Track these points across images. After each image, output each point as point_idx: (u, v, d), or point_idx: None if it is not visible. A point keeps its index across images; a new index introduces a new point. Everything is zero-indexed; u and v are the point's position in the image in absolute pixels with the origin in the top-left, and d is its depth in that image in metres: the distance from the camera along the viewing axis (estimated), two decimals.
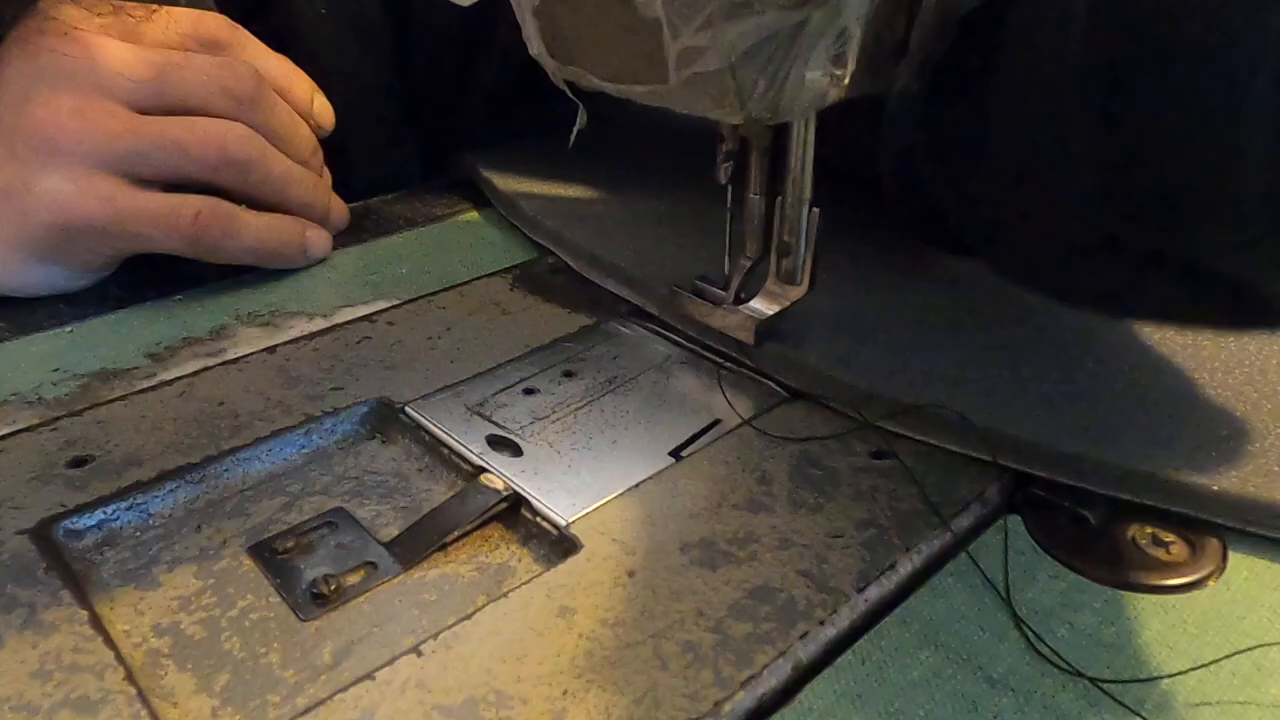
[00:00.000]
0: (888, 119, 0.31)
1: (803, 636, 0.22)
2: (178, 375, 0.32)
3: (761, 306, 0.31)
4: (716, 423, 0.30)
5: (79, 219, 0.33)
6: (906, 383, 0.29)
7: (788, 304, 0.31)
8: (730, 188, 0.30)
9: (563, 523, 0.25)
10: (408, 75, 0.52)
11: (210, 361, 0.33)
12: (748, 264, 0.31)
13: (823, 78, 0.21)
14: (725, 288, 0.32)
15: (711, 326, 0.33)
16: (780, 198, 0.29)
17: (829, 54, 0.21)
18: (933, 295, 0.35)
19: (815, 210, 0.28)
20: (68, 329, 0.35)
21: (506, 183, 0.45)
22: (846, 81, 0.22)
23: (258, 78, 0.37)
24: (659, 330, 0.35)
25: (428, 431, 0.29)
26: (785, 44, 0.20)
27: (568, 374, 0.33)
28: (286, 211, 0.39)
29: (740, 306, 0.31)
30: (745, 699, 0.21)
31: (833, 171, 0.29)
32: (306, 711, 0.20)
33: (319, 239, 0.40)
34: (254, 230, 0.37)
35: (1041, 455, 0.26)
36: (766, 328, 0.31)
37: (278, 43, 0.41)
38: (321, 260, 0.41)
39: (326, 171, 0.42)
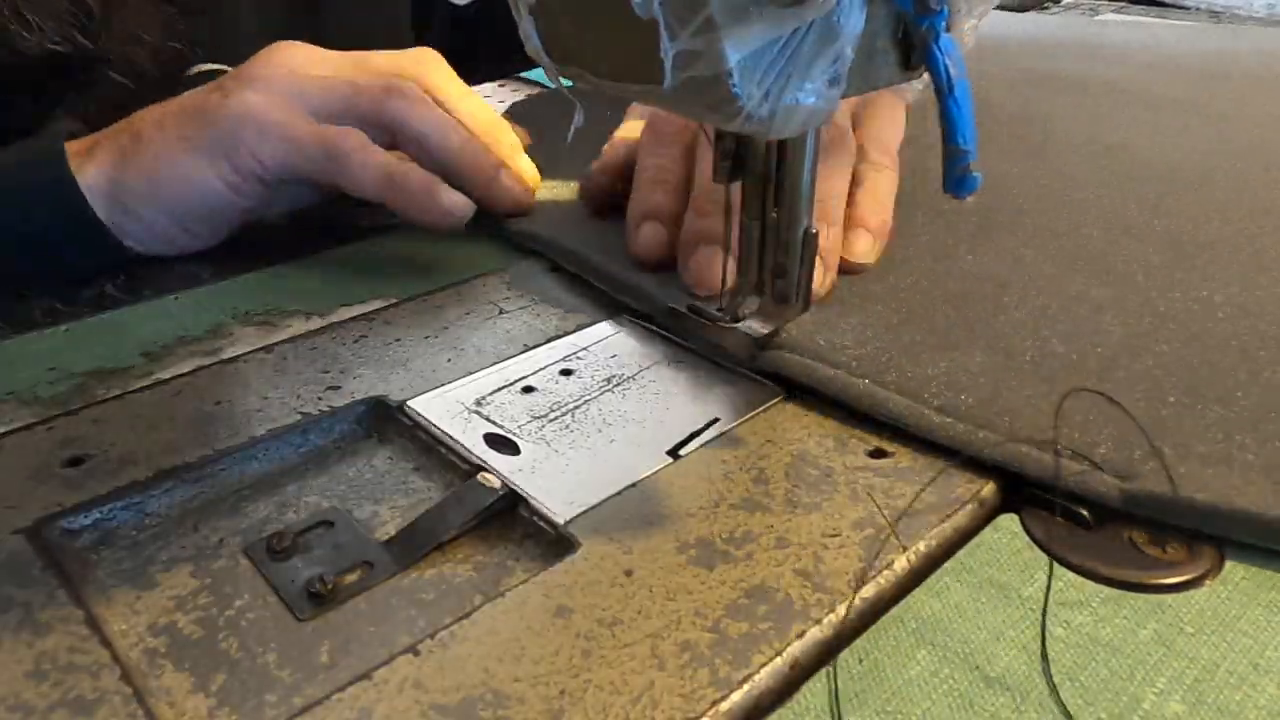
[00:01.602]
0: None
1: (800, 636, 0.22)
2: (174, 374, 0.32)
3: (757, 325, 0.31)
4: (714, 422, 0.30)
5: (257, 118, 0.39)
6: (899, 380, 0.29)
7: (782, 323, 0.31)
8: (727, 213, 0.30)
9: (560, 522, 0.25)
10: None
11: (207, 360, 0.33)
12: (741, 286, 0.31)
13: (819, 101, 0.21)
14: (720, 308, 0.32)
15: (707, 343, 0.33)
16: (775, 219, 0.29)
17: (826, 77, 0.21)
18: (929, 292, 0.35)
19: (813, 232, 0.29)
20: (63, 328, 0.35)
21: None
22: (839, 101, 0.22)
23: (437, 55, 0.44)
24: (657, 329, 0.35)
25: (425, 430, 0.29)
26: (782, 57, 0.20)
27: (565, 373, 0.33)
28: (443, 161, 0.41)
29: (736, 325, 0.32)
30: (742, 698, 0.21)
31: None
32: (303, 711, 0.20)
33: (454, 195, 0.40)
34: (387, 160, 0.39)
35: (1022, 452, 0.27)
36: (761, 347, 0.31)
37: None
38: (459, 224, 0.40)
39: (520, 161, 0.43)
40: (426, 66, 0.43)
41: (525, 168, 0.43)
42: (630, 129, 0.43)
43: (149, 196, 0.39)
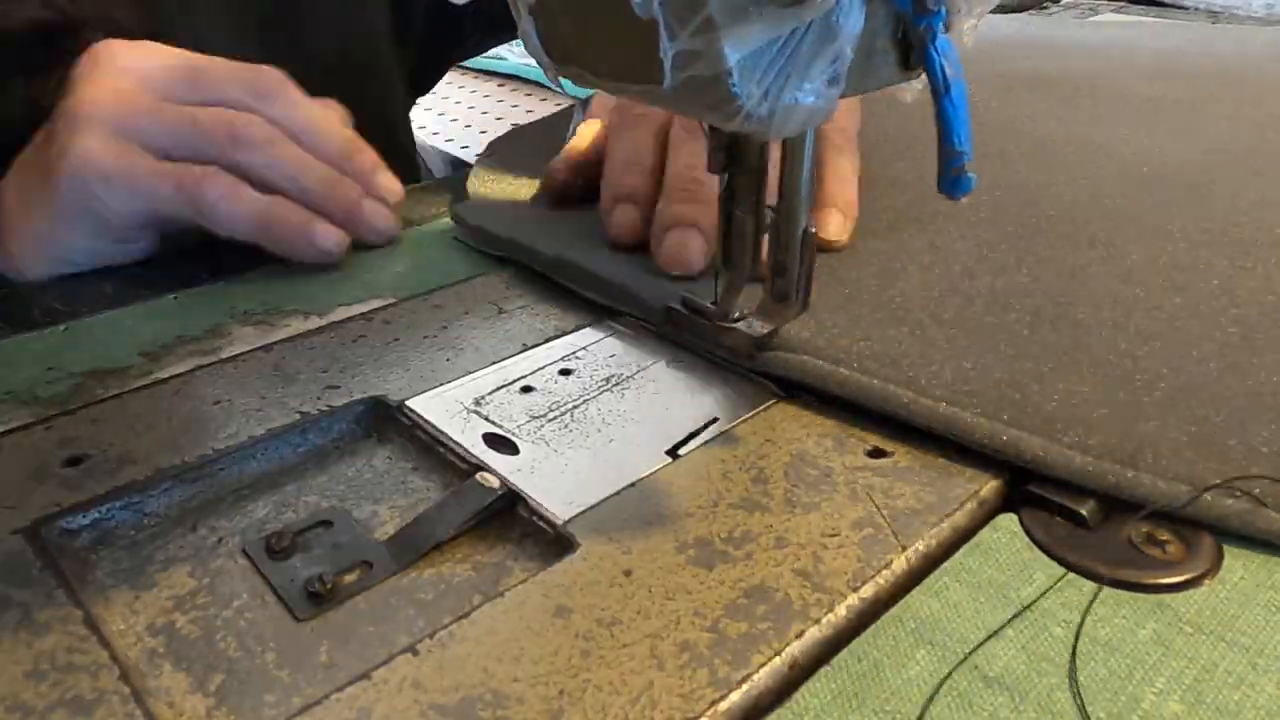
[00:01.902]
0: None
1: (799, 636, 0.22)
2: (173, 374, 0.32)
3: (756, 324, 0.31)
4: (713, 421, 0.30)
5: (97, 170, 0.37)
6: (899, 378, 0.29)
7: (782, 322, 0.31)
8: (720, 206, 0.30)
9: (559, 521, 0.25)
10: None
11: (205, 360, 0.33)
12: (738, 283, 0.31)
13: (818, 101, 0.21)
14: (715, 304, 0.32)
15: (706, 342, 0.33)
16: (775, 217, 0.29)
17: (825, 76, 0.21)
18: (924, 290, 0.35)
19: (812, 230, 0.28)
20: (62, 328, 0.35)
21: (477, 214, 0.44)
22: (839, 100, 0.22)
23: (280, 78, 0.40)
24: (656, 328, 0.35)
25: (424, 430, 0.29)
26: (781, 57, 0.20)
27: (565, 372, 0.33)
28: (303, 200, 0.39)
29: (735, 324, 0.32)
30: (741, 698, 0.21)
31: None
32: (302, 711, 0.20)
33: (328, 232, 0.39)
34: (256, 202, 0.38)
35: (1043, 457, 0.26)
36: (761, 344, 0.31)
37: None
38: (333, 258, 0.39)
39: (380, 180, 0.42)
40: (270, 91, 0.40)
41: (387, 185, 0.42)
42: (590, 127, 0.44)
43: (33, 264, 0.39)
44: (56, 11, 0.41)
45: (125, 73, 0.38)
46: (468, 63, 1.04)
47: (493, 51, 0.96)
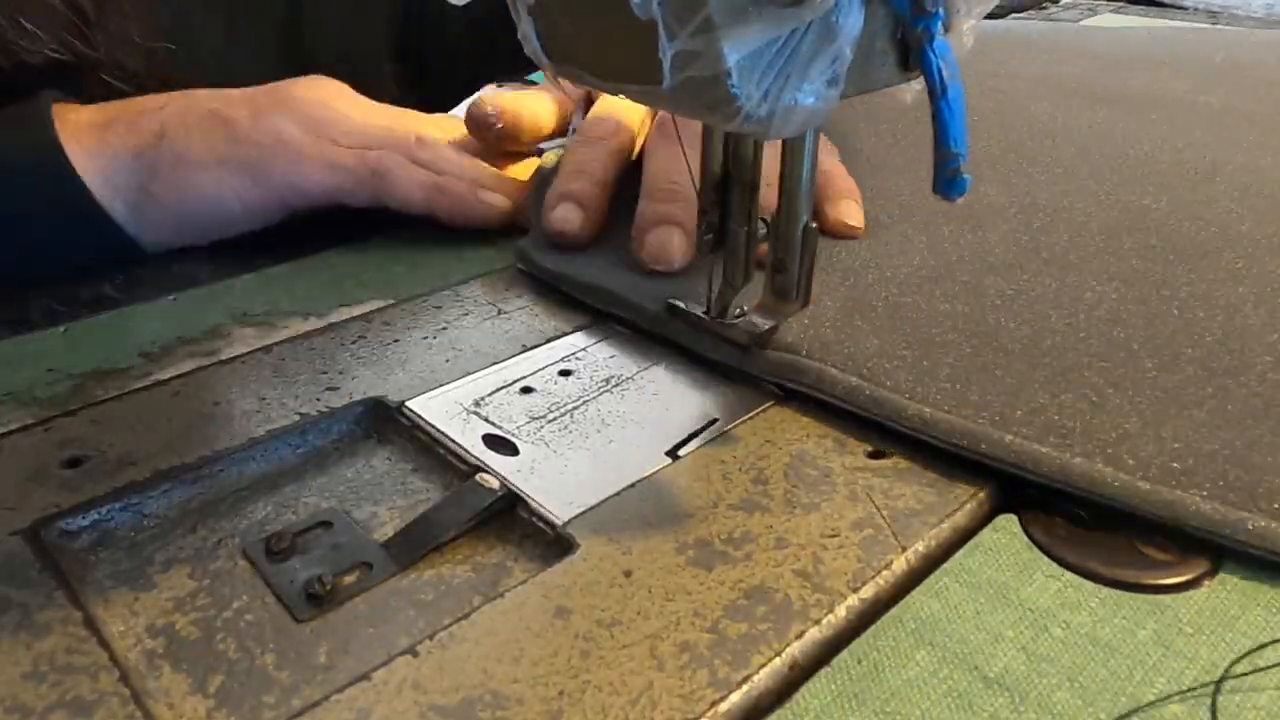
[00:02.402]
0: None
1: (799, 636, 0.22)
2: (173, 375, 0.32)
3: (757, 320, 0.31)
4: (713, 422, 0.30)
5: (287, 143, 0.41)
6: (897, 381, 0.29)
7: (783, 319, 0.31)
8: (716, 218, 0.30)
9: (559, 522, 0.25)
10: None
11: (205, 361, 0.33)
12: (731, 292, 0.31)
13: (817, 102, 0.21)
14: (708, 310, 0.32)
15: (705, 341, 0.33)
16: (775, 216, 0.29)
17: (825, 77, 0.21)
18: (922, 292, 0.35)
19: (813, 227, 0.28)
20: (62, 329, 0.35)
21: None
22: (838, 100, 0.22)
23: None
24: (657, 330, 0.35)
25: (424, 431, 0.29)
26: (780, 57, 0.21)
27: (564, 373, 0.33)
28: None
29: (736, 322, 0.32)
30: (741, 699, 0.21)
31: None
32: (302, 713, 0.20)
33: (495, 196, 0.43)
34: (429, 176, 0.42)
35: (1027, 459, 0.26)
36: (761, 341, 0.31)
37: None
38: (500, 218, 0.43)
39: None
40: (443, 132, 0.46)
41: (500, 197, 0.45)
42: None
43: (164, 198, 0.40)
44: (69, 51, 0.43)
45: (342, 94, 0.44)
46: None
47: None
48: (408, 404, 0.30)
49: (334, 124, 0.43)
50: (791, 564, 0.24)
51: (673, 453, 0.29)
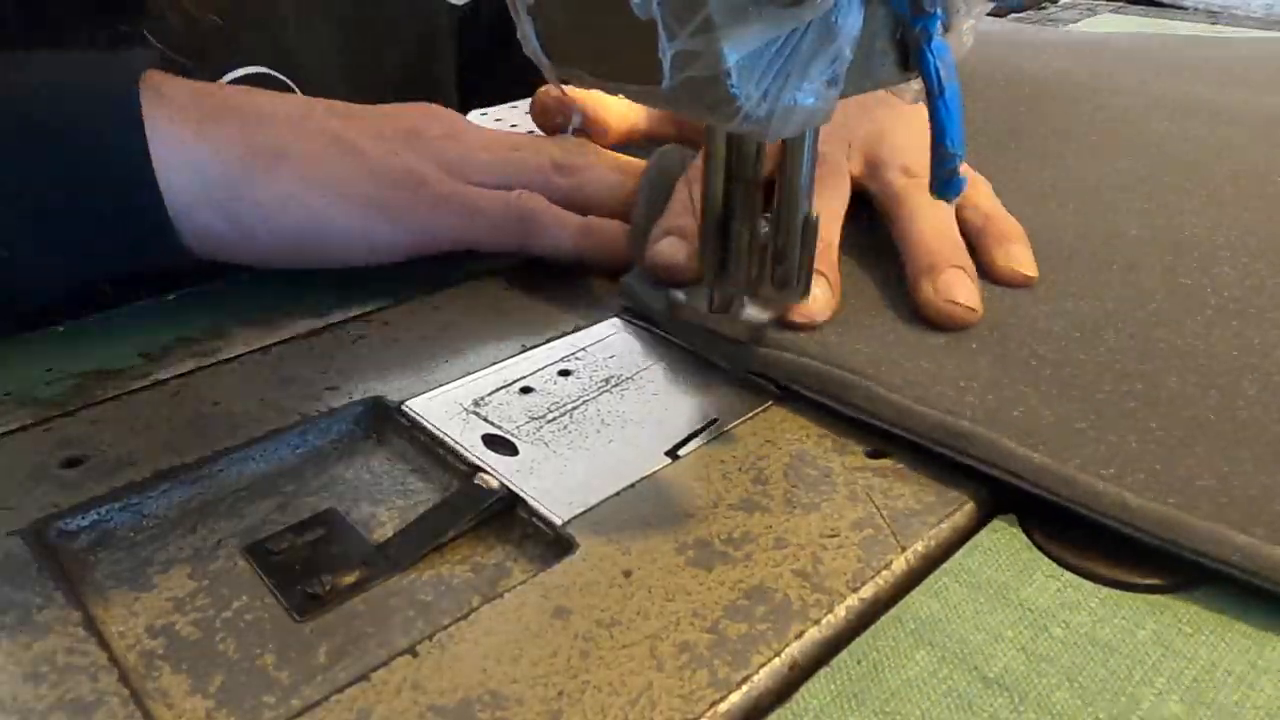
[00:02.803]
0: None
1: (798, 636, 0.22)
2: (172, 375, 0.32)
3: (756, 313, 0.31)
4: (713, 422, 0.30)
5: (429, 190, 0.37)
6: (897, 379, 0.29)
7: (783, 309, 0.31)
8: (717, 215, 0.30)
9: (559, 522, 0.25)
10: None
11: (205, 361, 0.33)
12: (733, 293, 0.31)
13: (817, 101, 0.21)
14: (710, 303, 0.32)
15: (708, 330, 0.33)
16: (777, 205, 0.29)
17: (824, 77, 0.21)
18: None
19: (815, 218, 0.28)
20: (61, 328, 0.35)
21: None
22: (838, 100, 0.22)
23: (584, 148, 0.42)
24: (655, 329, 0.35)
25: (423, 431, 0.29)
26: (780, 57, 0.21)
27: (564, 373, 0.33)
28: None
29: (738, 314, 0.32)
30: (741, 699, 0.21)
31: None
32: (302, 713, 0.20)
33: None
34: (577, 219, 0.38)
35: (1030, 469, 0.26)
36: (761, 334, 0.31)
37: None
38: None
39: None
40: (578, 167, 0.41)
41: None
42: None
43: (278, 220, 0.36)
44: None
45: (459, 119, 0.41)
46: None
47: None
48: (407, 404, 0.30)
49: (467, 162, 0.39)
50: (791, 564, 0.24)
51: (672, 453, 0.29)
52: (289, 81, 0.47)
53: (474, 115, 0.60)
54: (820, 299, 0.32)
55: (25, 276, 0.33)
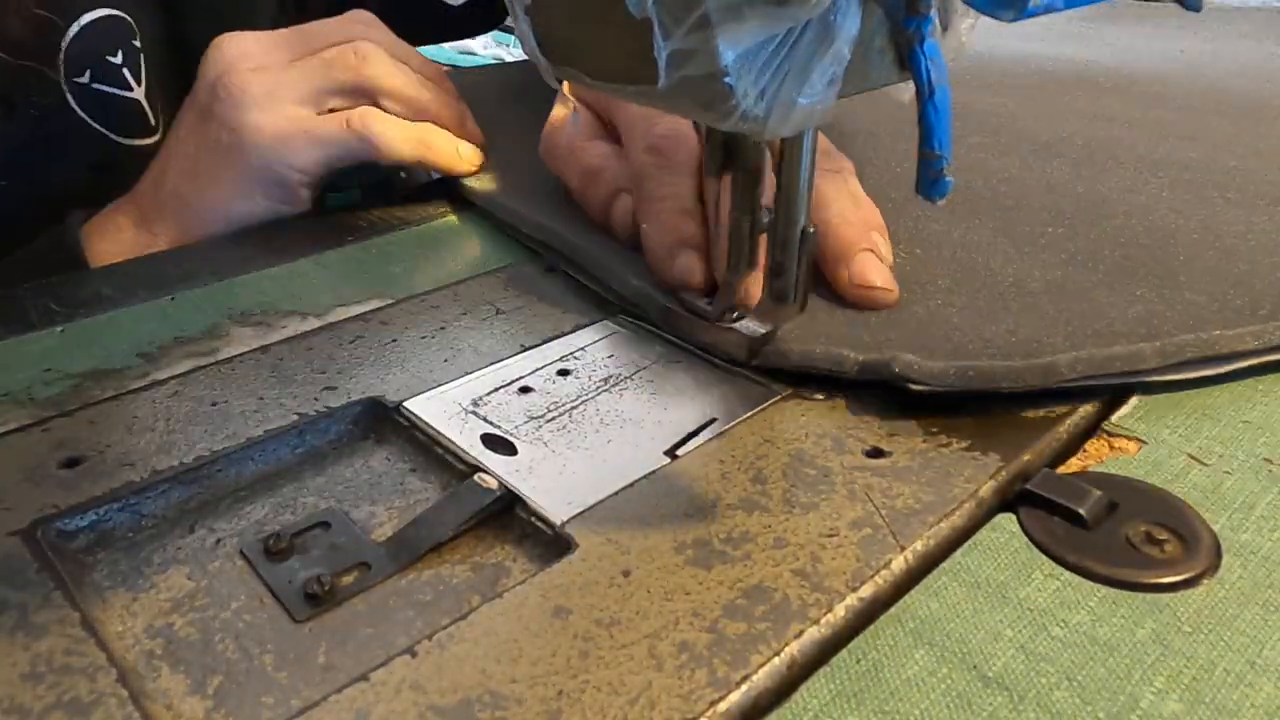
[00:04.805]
0: None
1: (798, 636, 0.22)
2: (170, 375, 0.32)
3: (754, 325, 0.31)
4: (712, 421, 0.30)
5: (278, 137, 0.43)
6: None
7: (780, 323, 0.31)
8: (715, 208, 0.30)
9: (558, 522, 0.25)
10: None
11: (203, 361, 0.33)
12: (733, 282, 0.31)
13: (815, 101, 0.21)
14: (711, 305, 0.32)
15: (704, 341, 0.33)
16: (773, 217, 0.29)
17: (824, 78, 0.21)
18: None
19: (812, 230, 0.28)
20: (59, 329, 0.35)
21: (485, 185, 0.46)
22: (835, 99, 0.22)
23: (369, 15, 0.47)
24: (654, 329, 0.35)
25: (422, 431, 0.29)
26: (778, 56, 0.20)
27: (563, 373, 0.33)
28: (423, 117, 0.46)
29: (734, 324, 0.32)
30: (740, 699, 0.21)
31: None
32: (301, 713, 0.20)
33: (470, 146, 0.47)
34: (411, 128, 0.44)
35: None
36: (759, 346, 0.31)
37: None
38: (474, 169, 0.46)
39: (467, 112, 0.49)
40: (365, 20, 0.47)
41: (470, 119, 0.49)
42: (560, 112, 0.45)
43: (207, 230, 0.45)
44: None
45: (250, 53, 0.44)
46: (459, 59, 1.04)
47: (491, 48, 0.97)
48: (406, 404, 0.30)
49: (289, 90, 0.43)
50: (790, 563, 0.24)
51: (671, 452, 0.28)
52: (129, 19, 0.53)
53: None
54: (879, 273, 0.34)
55: None
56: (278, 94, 0.43)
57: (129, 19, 0.52)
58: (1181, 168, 0.45)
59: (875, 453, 0.28)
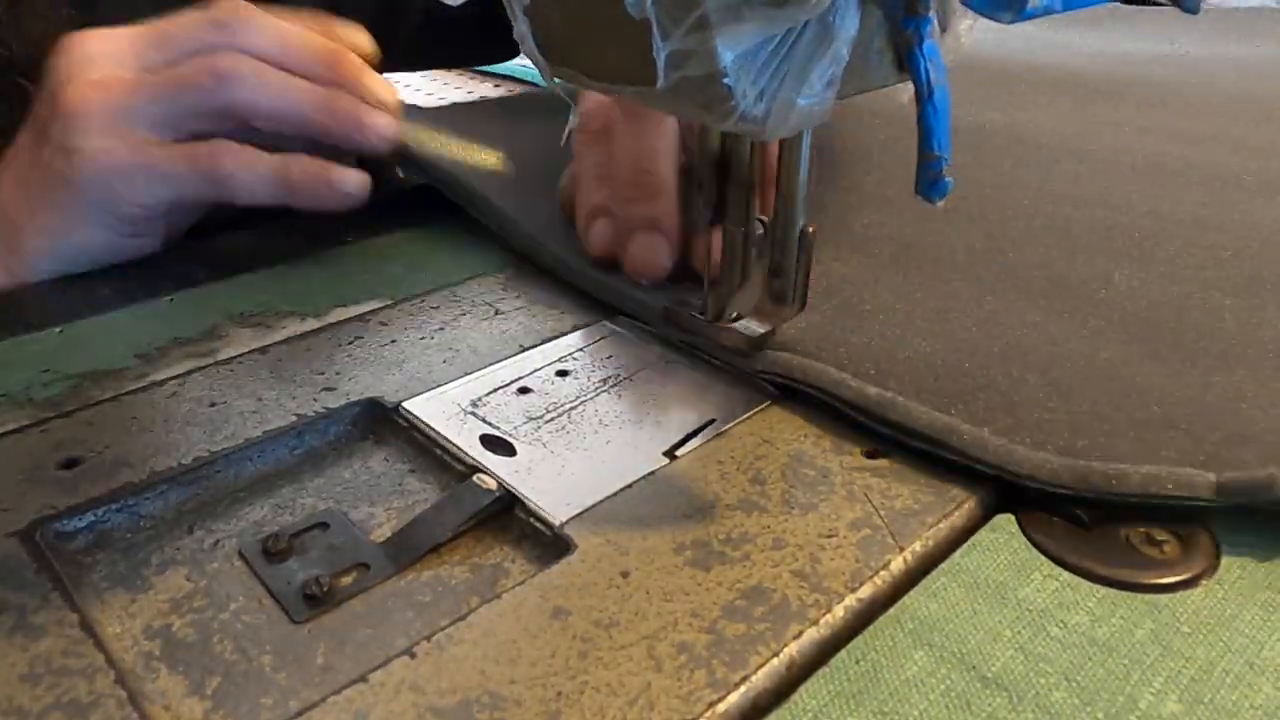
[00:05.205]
0: None
1: (797, 637, 0.22)
2: (168, 376, 0.32)
3: (754, 325, 0.31)
4: (711, 422, 0.30)
5: (113, 168, 0.37)
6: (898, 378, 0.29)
7: (779, 324, 0.31)
8: (710, 219, 0.30)
9: (556, 523, 0.25)
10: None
11: (202, 362, 0.33)
12: (727, 293, 0.31)
13: (814, 102, 0.21)
14: (704, 311, 0.32)
15: (702, 343, 0.33)
16: (772, 220, 0.29)
17: (823, 79, 0.21)
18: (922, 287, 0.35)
19: (810, 231, 0.28)
20: (57, 329, 0.35)
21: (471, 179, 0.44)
22: (833, 101, 0.22)
23: (236, 5, 0.39)
24: (653, 330, 0.35)
25: (421, 432, 0.29)
26: (776, 56, 0.20)
27: (562, 373, 0.33)
28: (305, 125, 0.39)
29: (733, 324, 0.32)
30: (739, 700, 0.21)
31: None
32: (299, 714, 0.20)
33: (348, 175, 0.40)
34: (271, 162, 0.38)
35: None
36: (758, 346, 0.31)
37: None
38: (359, 201, 0.40)
39: (368, 84, 0.41)
40: (231, 22, 0.39)
41: (377, 88, 0.41)
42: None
43: (44, 264, 0.39)
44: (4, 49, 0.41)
45: (95, 60, 0.38)
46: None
47: None
48: (405, 405, 0.30)
49: (131, 110, 0.37)
50: (789, 564, 0.24)
51: (670, 453, 0.28)
52: None
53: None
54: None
55: None
56: (120, 115, 0.37)
57: None
58: None
59: (874, 453, 0.28)
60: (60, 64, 0.38)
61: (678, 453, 0.28)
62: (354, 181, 0.40)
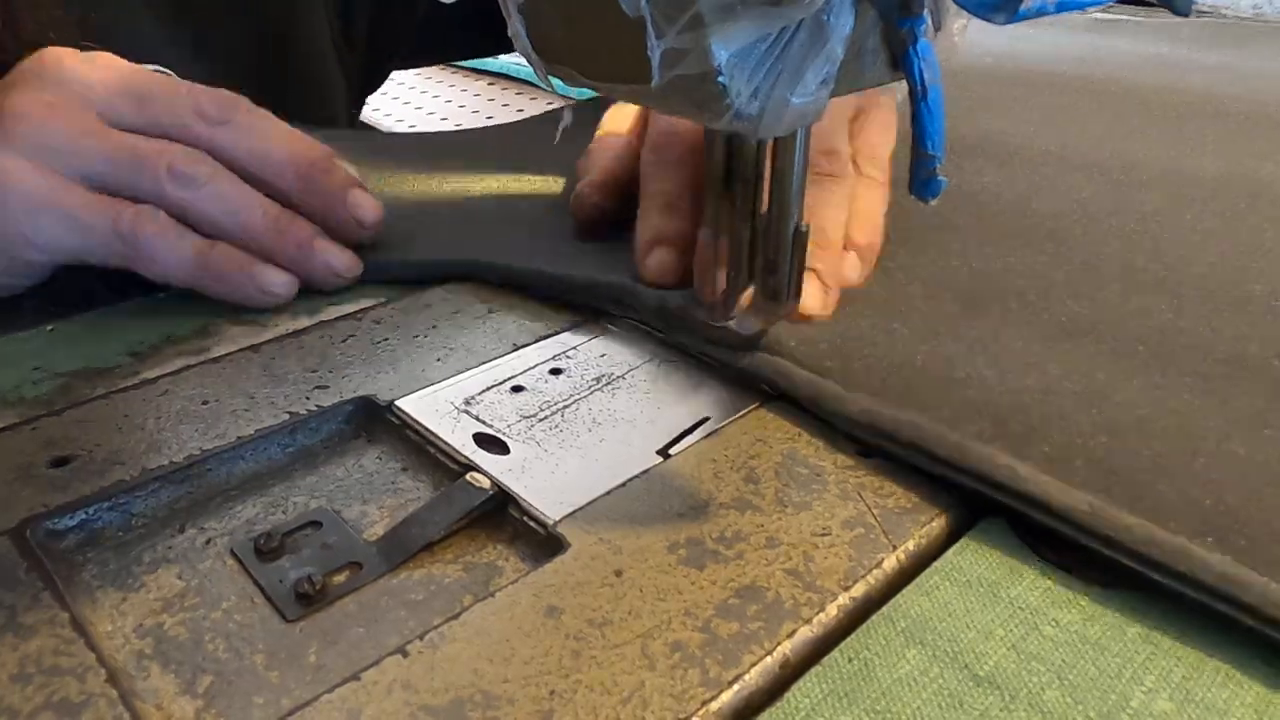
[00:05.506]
0: None
1: (790, 635, 0.22)
2: (160, 374, 0.32)
3: (748, 322, 0.31)
4: (704, 421, 0.30)
5: (21, 195, 0.33)
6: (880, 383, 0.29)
7: (773, 320, 0.31)
8: (707, 216, 0.30)
9: (550, 522, 0.25)
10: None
11: (193, 360, 0.33)
12: (733, 290, 0.31)
13: (808, 101, 0.21)
14: (701, 311, 0.32)
15: (696, 340, 0.33)
16: (767, 215, 0.29)
17: (815, 75, 0.21)
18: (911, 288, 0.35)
19: (805, 228, 0.28)
20: (49, 327, 0.35)
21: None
22: (828, 99, 0.22)
23: (236, 100, 0.37)
24: (647, 328, 0.35)
25: (414, 430, 0.29)
26: (770, 55, 0.20)
27: (555, 372, 0.33)
28: (249, 242, 0.36)
29: (728, 322, 0.32)
30: (733, 698, 0.21)
31: None
32: (291, 713, 0.20)
33: (272, 273, 0.36)
34: (194, 246, 0.35)
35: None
36: (752, 342, 0.31)
37: None
38: (280, 301, 0.36)
39: (352, 199, 0.38)
40: (224, 116, 0.36)
41: (360, 206, 0.38)
42: (614, 122, 0.43)
43: None
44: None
45: (66, 85, 0.35)
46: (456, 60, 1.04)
47: None
48: (398, 403, 0.30)
49: (74, 151, 0.34)
50: (783, 563, 0.24)
51: (664, 451, 0.28)
52: None
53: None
54: (813, 297, 0.32)
55: None
56: (59, 149, 0.34)
57: None
58: None
59: (867, 452, 0.28)
60: (30, 71, 0.35)
61: (671, 451, 0.28)
62: (279, 282, 0.36)
